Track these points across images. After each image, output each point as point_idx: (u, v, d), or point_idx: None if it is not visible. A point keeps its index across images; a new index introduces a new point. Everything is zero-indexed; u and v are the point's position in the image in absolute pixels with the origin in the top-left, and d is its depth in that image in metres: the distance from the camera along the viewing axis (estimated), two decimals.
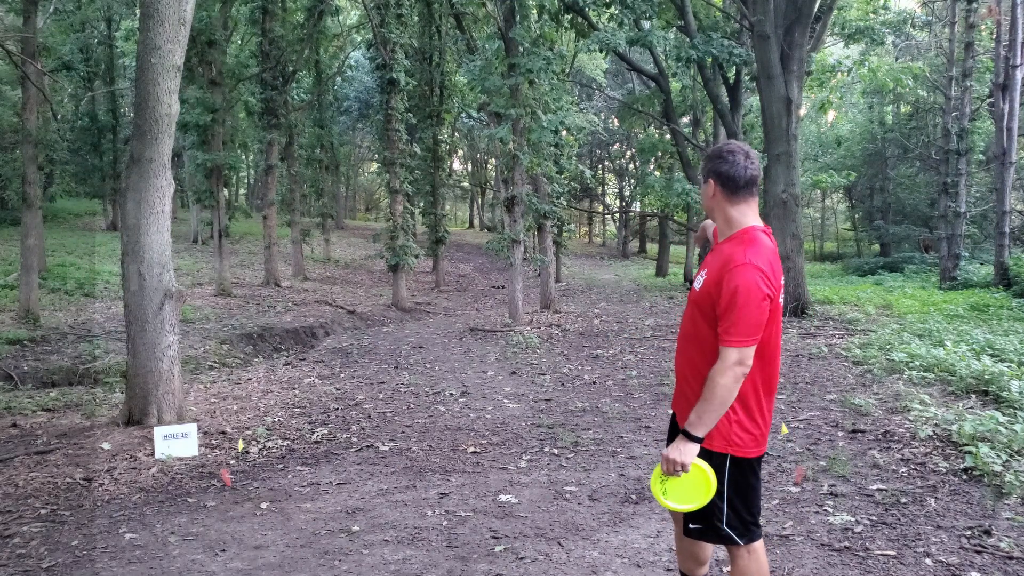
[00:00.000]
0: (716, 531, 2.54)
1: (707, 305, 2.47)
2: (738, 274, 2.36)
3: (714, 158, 2.52)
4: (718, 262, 2.48)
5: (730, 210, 2.52)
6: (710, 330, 2.46)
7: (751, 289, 2.35)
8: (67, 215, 25.70)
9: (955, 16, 18.49)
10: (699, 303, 2.50)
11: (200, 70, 15.60)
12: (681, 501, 2.49)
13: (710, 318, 2.46)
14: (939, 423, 5.52)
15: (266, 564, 3.70)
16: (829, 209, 42.84)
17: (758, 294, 2.35)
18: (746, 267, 2.37)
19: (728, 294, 2.36)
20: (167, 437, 5.64)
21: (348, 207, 43.73)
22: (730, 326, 2.36)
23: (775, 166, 13.19)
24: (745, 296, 2.34)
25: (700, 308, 2.50)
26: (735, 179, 2.48)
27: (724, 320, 2.38)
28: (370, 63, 23.80)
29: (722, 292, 2.38)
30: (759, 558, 2.58)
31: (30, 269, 11.43)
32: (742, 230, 2.50)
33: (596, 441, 5.89)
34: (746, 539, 2.54)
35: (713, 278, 2.46)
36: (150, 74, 6.20)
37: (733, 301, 2.35)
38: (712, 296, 2.44)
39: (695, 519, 2.55)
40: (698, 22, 17.24)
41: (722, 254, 2.49)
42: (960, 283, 17.25)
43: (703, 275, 2.55)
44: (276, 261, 18.40)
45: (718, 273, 2.44)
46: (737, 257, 2.40)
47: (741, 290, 2.35)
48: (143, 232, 6.23)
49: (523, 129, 13.23)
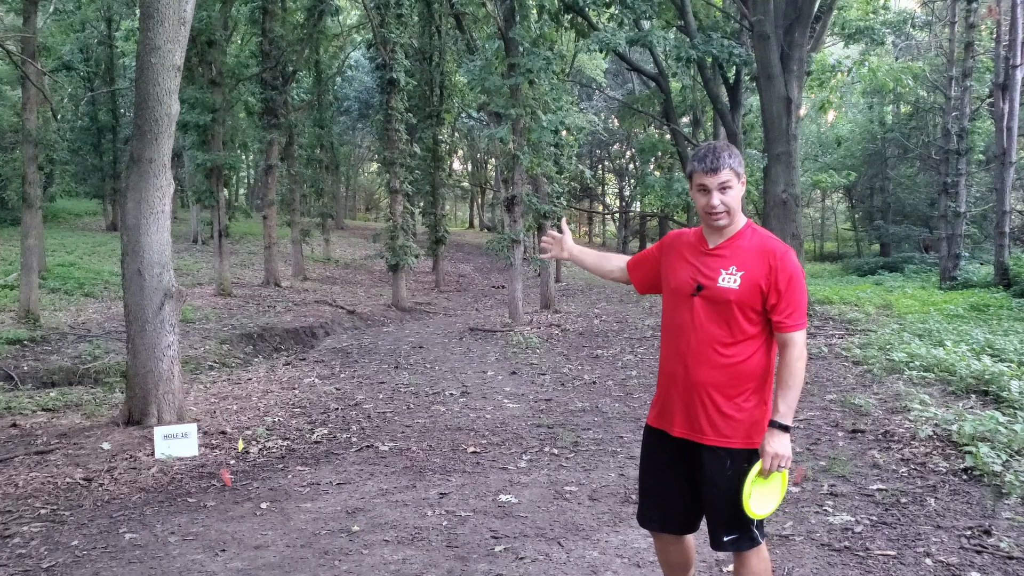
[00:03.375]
0: (749, 536, 2.47)
1: (754, 300, 2.42)
2: (789, 260, 2.42)
3: (736, 152, 2.48)
4: (751, 255, 2.44)
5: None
6: (752, 326, 2.44)
7: (801, 272, 2.45)
8: (67, 215, 25.70)
9: (955, 16, 18.49)
10: (741, 301, 2.42)
11: (200, 70, 15.60)
12: (766, 505, 2.39)
13: (754, 314, 2.43)
14: (939, 423, 5.52)
15: (266, 564, 3.70)
16: (829, 209, 42.82)
17: (804, 276, 2.46)
18: (790, 252, 2.45)
19: (785, 280, 2.39)
20: (167, 437, 5.64)
21: (348, 207, 43.72)
22: (794, 311, 2.41)
23: (775, 166, 13.19)
24: (799, 280, 2.43)
25: (741, 306, 2.42)
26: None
27: (786, 306, 2.40)
28: (370, 63, 23.86)
29: (778, 279, 2.40)
30: (767, 557, 2.57)
31: (30, 269, 11.42)
32: (747, 221, 2.54)
33: (596, 441, 5.89)
34: (764, 538, 2.54)
35: (758, 271, 2.41)
36: (150, 74, 6.20)
37: (791, 286, 2.40)
38: (762, 289, 2.41)
39: (730, 530, 2.46)
40: (698, 22, 17.23)
41: (750, 246, 2.46)
42: (960, 283, 17.24)
43: (733, 274, 2.43)
44: (276, 261, 18.40)
45: (762, 264, 2.42)
46: (775, 244, 2.46)
47: (796, 274, 2.42)
48: (143, 232, 6.23)
49: (523, 129, 13.23)
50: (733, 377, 2.44)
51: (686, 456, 2.53)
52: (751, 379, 2.46)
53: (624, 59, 19.77)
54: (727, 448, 2.44)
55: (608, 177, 44.45)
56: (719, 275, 2.45)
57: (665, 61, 19.47)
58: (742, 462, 2.43)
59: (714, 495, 2.47)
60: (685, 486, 2.57)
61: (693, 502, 2.57)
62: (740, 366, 2.43)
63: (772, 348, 2.50)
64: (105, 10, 21.45)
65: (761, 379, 2.48)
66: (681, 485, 2.57)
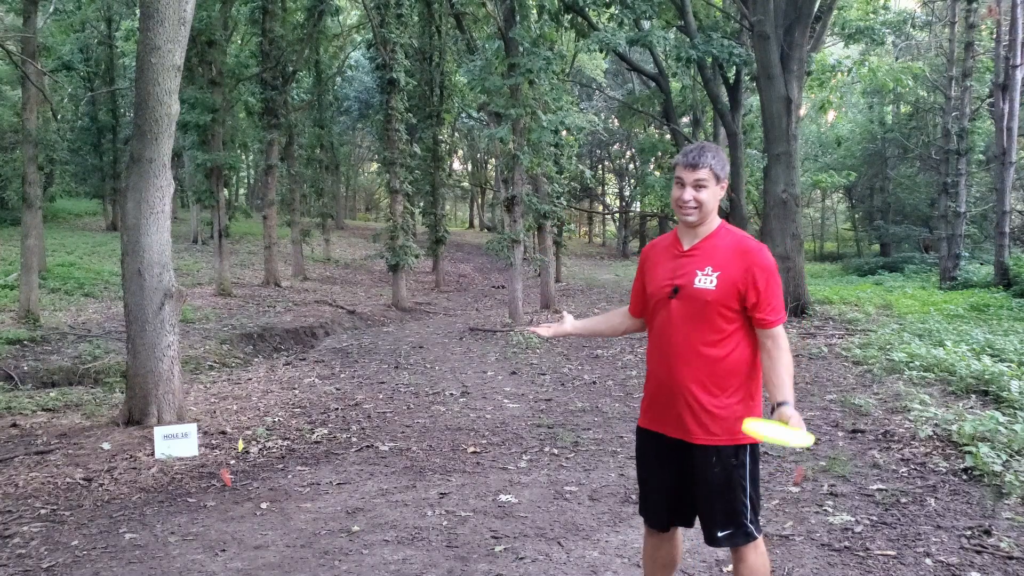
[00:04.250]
0: (743, 531, 2.50)
1: (731, 299, 2.45)
2: (765, 258, 2.47)
3: (722, 156, 2.53)
4: (727, 255, 2.48)
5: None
6: (730, 324, 2.47)
7: (776, 268, 2.52)
8: (67, 215, 25.69)
9: (955, 16, 18.49)
10: (718, 301, 2.45)
11: (200, 70, 15.60)
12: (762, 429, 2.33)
13: (732, 312, 2.46)
14: (939, 423, 5.52)
15: (266, 564, 3.70)
16: (829, 209, 42.81)
17: (778, 270, 2.51)
18: (765, 249, 2.51)
19: (764, 279, 2.44)
20: (167, 437, 5.64)
21: (348, 207, 43.71)
22: (775, 306, 2.47)
23: (775, 166, 13.19)
24: (776, 276, 2.49)
25: (718, 305, 2.46)
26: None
27: (766, 304, 2.45)
28: (370, 63, 23.83)
29: (757, 279, 2.44)
30: (765, 552, 2.59)
31: (30, 269, 11.42)
32: (721, 222, 2.59)
33: (596, 441, 5.89)
34: (760, 533, 2.56)
35: (735, 271, 2.45)
36: (150, 74, 6.20)
37: (770, 284, 2.45)
38: (739, 288, 2.44)
39: (724, 526, 2.50)
40: (698, 22, 17.23)
41: (725, 246, 2.50)
42: (960, 283, 17.24)
43: (709, 274, 2.47)
44: (276, 261, 18.40)
45: (738, 264, 2.45)
46: (749, 243, 2.51)
47: (772, 272, 2.48)
48: (143, 232, 6.23)
49: (523, 129, 13.23)
50: (716, 375, 2.48)
51: (677, 455, 2.57)
52: (734, 376, 2.49)
53: (624, 59, 19.76)
54: (715, 446, 2.48)
55: (608, 177, 44.45)
56: (695, 276, 2.49)
57: (665, 61, 19.46)
58: (730, 458, 2.47)
59: (706, 492, 2.51)
60: (679, 483, 2.60)
61: (689, 499, 2.61)
62: (722, 364, 2.47)
63: (752, 343, 2.53)
64: (105, 10, 21.46)
65: (744, 375, 2.51)
66: (676, 483, 2.61)
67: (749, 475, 2.51)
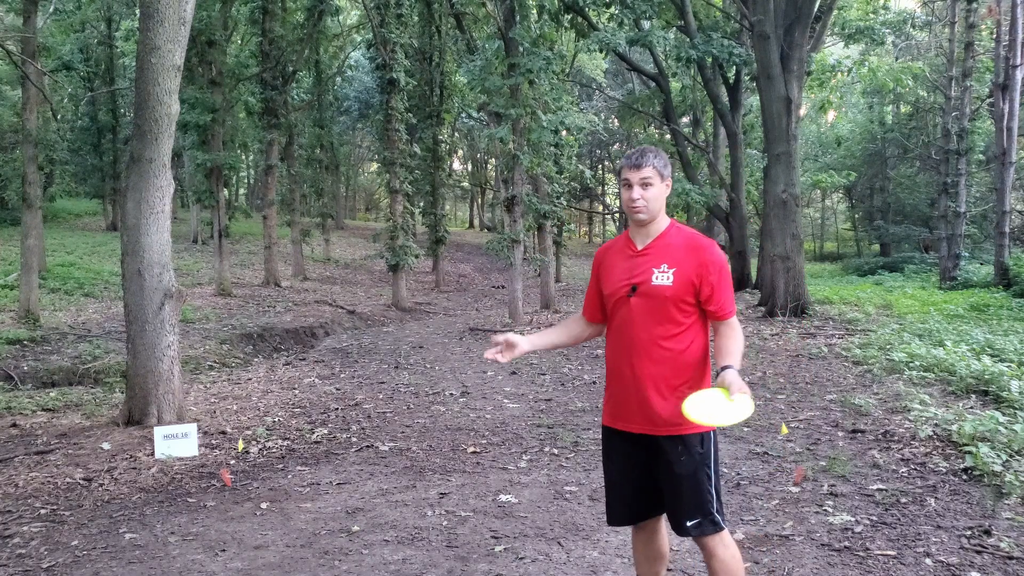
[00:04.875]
0: (711, 519, 2.56)
1: (687, 294, 2.55)
2: (716, 254, 2.59)
3: (663, 156, 2.65)
4: (680, 252, 2.58)
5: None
6: (686, 318, 2.57)
7: (727, 262, 2.64)
8: (67, 215, 25.70)
9: (955, 16, 18.49)
10: (676, 296, 2.55)
11: (200, 70, 15.61)
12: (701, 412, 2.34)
13: (688, 306, 2.57)
14: (939, 423, 5.52)
15: (266, 564, 3.70)
16: (829, 209, 42.84)
17: (728, 264, 2.65)
18: (715, 245, 2.63)
19: (716, 273, 2.55)
20: (167, 437, 5.64)
21: (348, 207, 43.72)
22: (728, 299, 2.58)
23: (775, 166, 13.19)
24: (727, 271, 2.60)
25: (675, 300, 2.55)
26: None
27: (720, 297, 2.56)
28: (370, 63, 23.86)
29: (710, 273, 2.55)
30: (733, 544, 2.62)
31: (30, 269, 11.42)
32: (671, 221, 2.69)
33: (596, 441, 5.89)
34: (725, 524, 2.61)
35: (689, 267, 2.55)
36: (150, 74, 6.20)
37: (722, 278, 2.56)
38: (694, 283, 2.55)
39: (692, 515, 2.55)
40: (698, 22, 17.25)
41: (677, 244, 2.61)
42: (960, 283, 17.24)
43: (665, 271, 2.55)
44: (276, 261, 18.41)
45: (692, 260, 2.56)
46: (700, 240, 2.62)
47: (724, 267, 2.59)
48: (143, 232, 6.23)
49: (523, 129, 13.23)
50: (675, 368, 2.56)
51: (642, 448, 2.63)
52: (691, 367, 2.59)
53: (624, 59, 19.78)
54: (680, 435, 2.55)
55: (608, 177, 44.46)
56: (652, 274, 2.58)
57: (665, 61, 19.47)
58: (695, 446, 2.54)
59: (674, 483, 2.57)
60: (645, 477, 2.66)
61: (655, 490, 2.66)
62: (680, 357, 2.57)
63: (706, 335, 2.66)
64: (105, 10, 21.47)
65: (700, 366, 2.62)
66: (641, 476, 2.66)
67: (713, 462, 2.58)
